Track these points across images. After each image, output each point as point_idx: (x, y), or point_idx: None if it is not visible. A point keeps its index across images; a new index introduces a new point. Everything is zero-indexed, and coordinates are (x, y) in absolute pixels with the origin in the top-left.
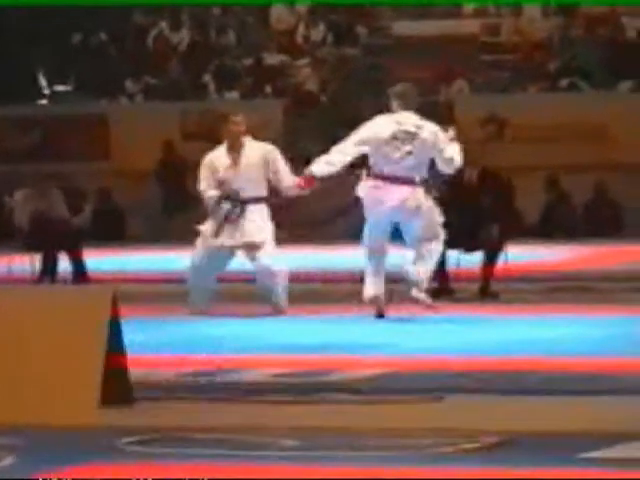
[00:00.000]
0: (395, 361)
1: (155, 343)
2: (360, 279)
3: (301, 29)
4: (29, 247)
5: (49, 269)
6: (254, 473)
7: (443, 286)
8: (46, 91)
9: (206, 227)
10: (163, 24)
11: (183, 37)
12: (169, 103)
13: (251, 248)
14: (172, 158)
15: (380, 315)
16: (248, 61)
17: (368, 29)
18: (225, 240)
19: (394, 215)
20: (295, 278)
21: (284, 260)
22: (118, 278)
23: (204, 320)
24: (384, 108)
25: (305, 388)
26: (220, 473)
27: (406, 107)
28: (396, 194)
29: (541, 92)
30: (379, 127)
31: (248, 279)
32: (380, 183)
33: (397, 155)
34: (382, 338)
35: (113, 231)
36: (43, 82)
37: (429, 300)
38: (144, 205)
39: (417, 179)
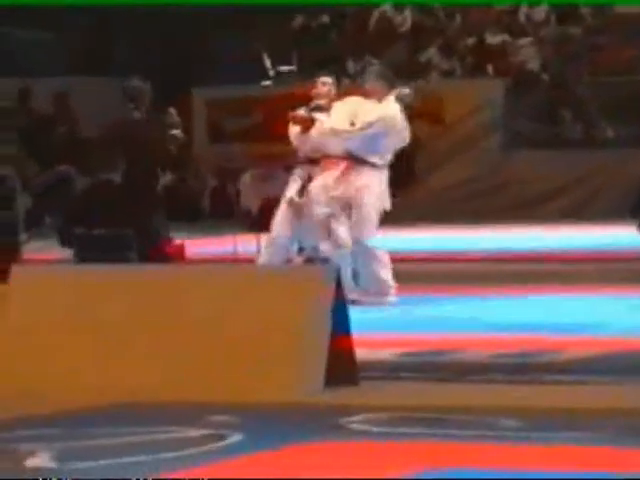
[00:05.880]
0: (608, 341)
1: (377, 323)
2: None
3: (524, 8)
4: (258, 229)
5: None
6: (476, 452)
7: None
8: (271, 72)
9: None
10: (386, 6)
11: (406, 17)
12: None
13: None
14: None
15: None
16: (470, 41)
17: (592, 8)
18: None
19: None
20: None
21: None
22: None
23: (425, 300)
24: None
25: (524, 368)
26: (442, 452)
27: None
28: None
29: None
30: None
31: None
32: None
33: None
34: (591, 318)
35: None
36: (268, 63)
37: None
38: None
39: None
